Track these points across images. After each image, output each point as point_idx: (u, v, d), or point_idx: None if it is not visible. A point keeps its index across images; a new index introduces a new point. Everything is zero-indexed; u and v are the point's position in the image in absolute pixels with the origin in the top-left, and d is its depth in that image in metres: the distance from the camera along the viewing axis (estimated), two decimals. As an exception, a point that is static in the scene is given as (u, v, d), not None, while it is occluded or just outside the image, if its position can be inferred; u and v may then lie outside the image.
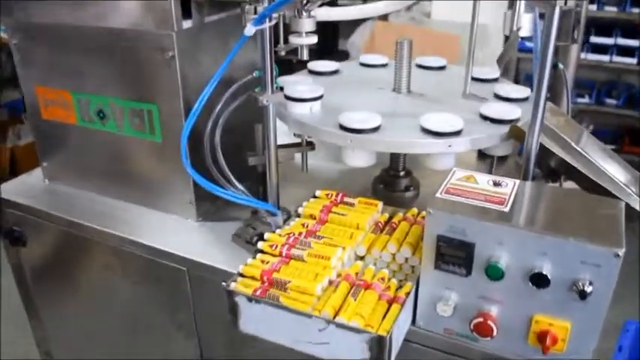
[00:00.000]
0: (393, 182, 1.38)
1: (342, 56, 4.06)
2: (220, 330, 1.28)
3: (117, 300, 1.44)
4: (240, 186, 1.14)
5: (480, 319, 0.88)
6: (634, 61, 3.69)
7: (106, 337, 1.55)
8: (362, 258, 1.05)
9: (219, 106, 1.12)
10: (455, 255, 0.87)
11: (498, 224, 0.83)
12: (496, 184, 0.93)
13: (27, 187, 1.49)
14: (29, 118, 1.45)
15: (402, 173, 1.38)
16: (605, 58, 3.73)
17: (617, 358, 0.88)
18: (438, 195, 0.90)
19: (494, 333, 0.88)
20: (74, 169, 1.45)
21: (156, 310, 1.37)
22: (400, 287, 0.98)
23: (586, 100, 3.87)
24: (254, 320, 0.94)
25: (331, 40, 4.54)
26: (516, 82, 1.58)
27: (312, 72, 1.47)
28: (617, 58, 3.72)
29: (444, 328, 0.95)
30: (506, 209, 0.86)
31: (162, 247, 1.23)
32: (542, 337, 0.86)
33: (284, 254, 1.00)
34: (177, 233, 1.28)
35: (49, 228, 1.41)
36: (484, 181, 0.94)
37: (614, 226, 0.82)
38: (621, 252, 0.76)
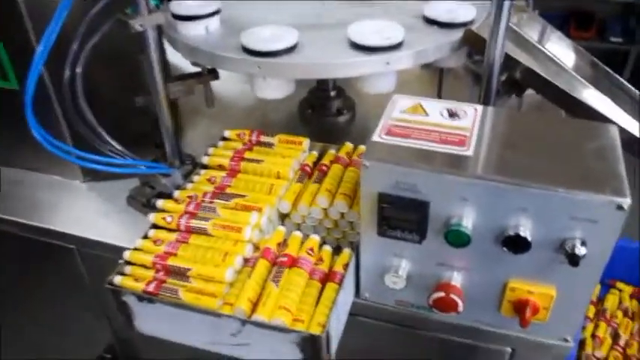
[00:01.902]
0: (323, 105, 1.14)
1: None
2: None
3: (16, 283, 1.19)
4: (116, 145, 0.86)
5: (441, 294, 0.68)
6: None
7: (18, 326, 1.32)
8: (287, 216, 0.82)
9: (79, 39, 0.83)
10: (403, 218, 0.65)
11: (460, 175, 0.60)
12: (452, 114, 0.69)
13: None
14: None
15: (332, 94, 1.14)
16: None
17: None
18: (375, 138, 0.66)
19: (460, 308, 0.69)
20: None
21: (57, 293, 1.14)
22: (337, 248, 0.77)
23: (528, -18, 3.61)
24: (152, 321, 0.72)
25: None
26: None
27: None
28: None
29: (396, 300, 0.76)
30: (470, 152, 0.63)
31: (40, 224, 0.97)
32: (520, 307, 0.67)
33: (183, 228, 0.76)
34: (61, 201, 1.01)
35: None
36: (436, 110, 0.70)
37: (612, 166, 0.61)
38: (626, 204, 0.56)
